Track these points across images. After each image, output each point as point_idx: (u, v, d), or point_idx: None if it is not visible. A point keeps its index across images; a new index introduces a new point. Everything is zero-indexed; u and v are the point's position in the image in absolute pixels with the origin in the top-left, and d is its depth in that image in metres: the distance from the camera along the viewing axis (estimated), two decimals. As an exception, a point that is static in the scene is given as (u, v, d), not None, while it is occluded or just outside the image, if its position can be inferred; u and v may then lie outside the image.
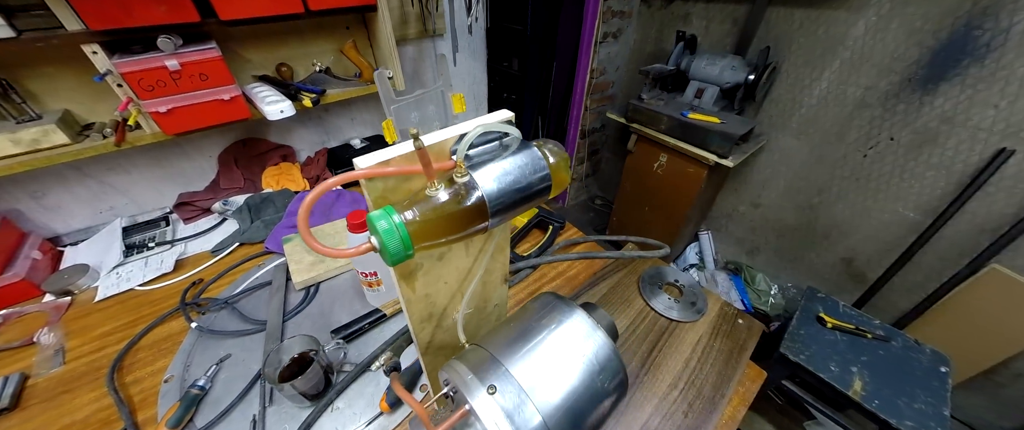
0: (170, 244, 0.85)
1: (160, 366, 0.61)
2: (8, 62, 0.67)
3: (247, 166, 1.01)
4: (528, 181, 0.30)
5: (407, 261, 0.33)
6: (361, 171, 0.24)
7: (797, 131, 1.45)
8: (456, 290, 0.40)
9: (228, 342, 0.65)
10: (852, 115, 1.30)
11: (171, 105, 0.72)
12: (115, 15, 0.62)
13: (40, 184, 0.81)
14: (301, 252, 0.79)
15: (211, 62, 0.73)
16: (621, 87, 2.04)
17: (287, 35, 0.93)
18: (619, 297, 0.75)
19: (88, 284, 0.76)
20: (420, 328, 0.40)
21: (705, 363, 0.63)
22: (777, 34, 1.38)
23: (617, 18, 1.72)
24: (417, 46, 1.15)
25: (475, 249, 0.39)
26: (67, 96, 0.75)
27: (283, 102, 0.82)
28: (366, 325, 0.66)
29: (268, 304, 0.71)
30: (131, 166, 0.89)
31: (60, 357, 0.63)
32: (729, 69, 1.39)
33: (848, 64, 1.26)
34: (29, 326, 0.68)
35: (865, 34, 1.19)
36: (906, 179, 1.25)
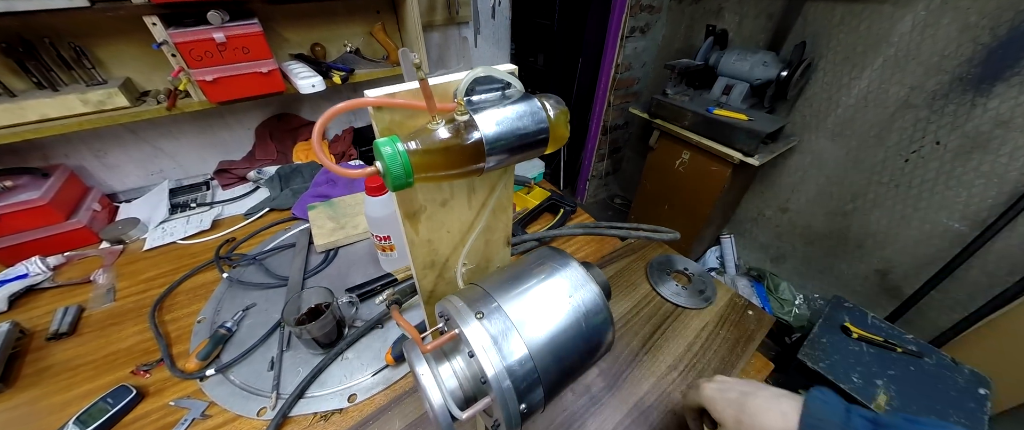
0: (209, 206, 0.92)
1: (194, 309, 0.68)
2: (81, 31, 0.76)
3: (280, 140, 1.08)
4: (525, 128, 0.31)
5: (412, 201, 0.35)
6: (370, 99, 0.27)
7: (832, 132, 1.38)
8: (458, 242, 0.43)
9: (254, 293, 0.71)
10: (894, 116, 1.22)
11: (216, 75, 0.79)
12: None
13: (103, 144, 0.91)
14: (323, 218, 0.84)
15: (253, 37, 0.79)
16: (647, 83, 2.01)
17: (322, 16, 0.99)
18: (626, 280, 0.75)
19: (138, 235, 0.84)
20: (423, 275, 0.42)
21: (708, 349, 0.63)
22: (815, 30, 1.32)
23: (646, 12, 1.70)
24: (443, 32, 1.19)
25: (478, 202, 0.41)
26: (129, 65, 0.83)
27: (315, 77, 0.88)
28: (378, 287, 0.70)
29: (291, 263, 0.77)
30: (179, 133, 0.98)
31: (111, 295, 0.70)
32: (760, 65, 1.34)
33: (892, 62, 1.18)
34: (88, 267, 0.76)
35: (912, 30, 1.12)
36: (952, 187, 1.16)
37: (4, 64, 0.73)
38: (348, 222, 0.83)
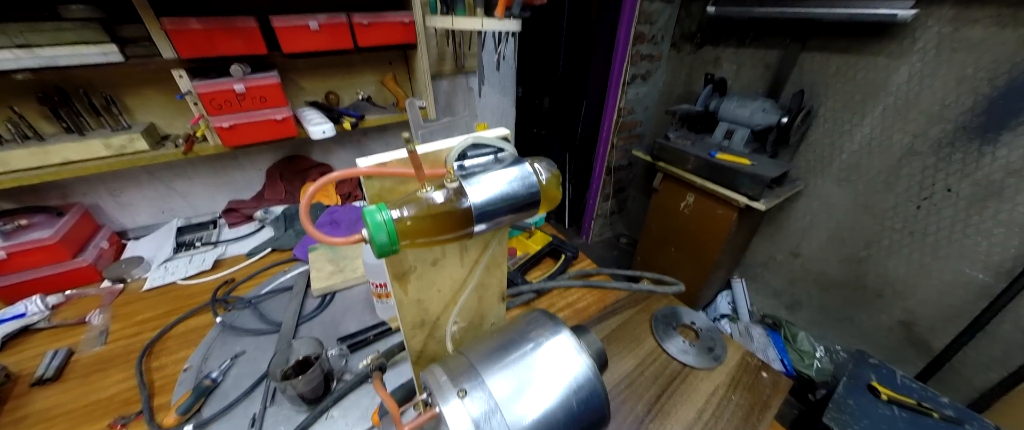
0: (214, 245, 0.93)
1: (183, 355, 0.66)
2: (113, 82, 0.82)
3: (290, 180, 1.11)
4: (516, 193, 0.31)
5: (401, 262, 0.35)
6: (360, 169, 0.27)
7: (838, 177, 1.37)
8: (449, 300, 0.41)
9: (245, 340, 0.69)
10: (900, 163, 1.21)
11: (233, 122, 0.83)
12: (202, 46, 0.75)
13: (120, 183, 0.94)
14: (323, 261, 0.84)
15: (271, 87, 0.84)
16: (649, 127, 2.06)
17: (338, 67, 1.05)
18: (629, 335, 0.72)
19: (140, 274, 0.84)
20: (411, 335, 0.40)
21: (720, 417, 0.58)
22: (812, 79, 1.35)
23: (646, 61, 1.78)
24: (451, 81, 1.25)
25: (470, 260, 0.40)
26: (153, 111, 0.89)
27: (326, 124, 0.91)
28: (371, 336, 0.67)
29: (286, 308, 0.75)
30: (193, 173, 1.01)
31: (103, 338, 0.69)
32: (760, 111, 1.37)
33: (892, 110, 1.20)
34: (86, 307, 0.76)
35: (909, 81, 1.15)
36: (970, 236, 1.12)
37: (38, 111, 0.78)
38: (347, 265, 0.83)
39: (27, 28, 0.63)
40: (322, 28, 0.84)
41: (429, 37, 1.03)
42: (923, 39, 1.09)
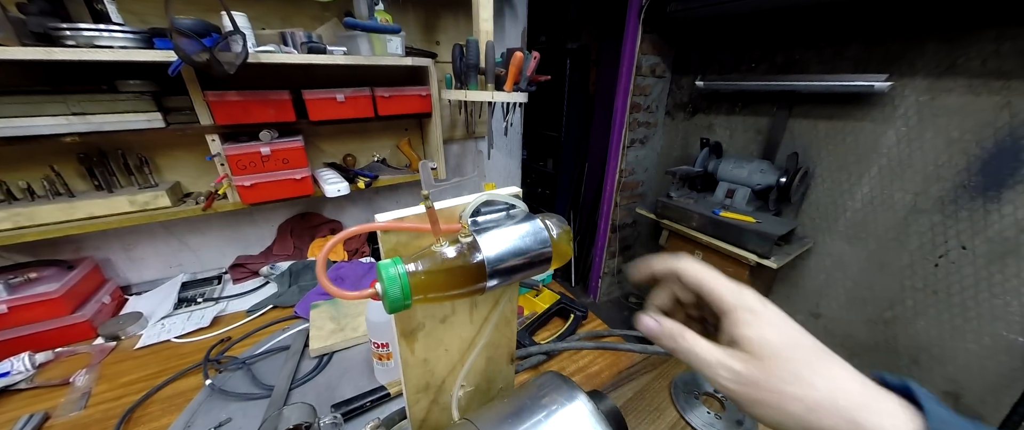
0: (215, 301, 0.92)
1: (165, 422, 0.61)
2: (149, 143, 0.89)
3: (300, 235, 1.13)
4: (528, 248, 0.31)
5: (409, 318, 0.34)
6: (378, 224, 0.28)
7: (847, 235, 1.36)
8: (457, 361, 0.39)
9: (232, 405, 0.64)
10: (907, 220, 1.21)
11: (255, 181, 0.87)
12: (238, 115, 0.83)
13: (134, 238, 0.96)
14: (325, 318, 0.81)
15: (294, 150, 0.90)
16: (651, 186, 2.12)
17: (356, 132, 1.14)
18: (648, 404, 0.66)
19: (136, 331, 0.82)
20: (415, 400, 0.38)
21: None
22: (804, 142, 1.42)
23: (643, 127, 1.90)
24: (461, 145, 1.33)
25: (480, 317, 0.39)
26: (180, 170, 0.94)
27: (341, 183, 0.96)
28: (367, 403, 0.62)
29: (281, 370, 0.71)
30: (207, 228, 1.04)
31: (84, 401, 0.65)
32: (758, 172, 1.41)
33: (887, 170, 1.23)
34: (74, 365, 0.72)
35: (898, 143, 1.20)
36: (998, 295, 1.07)
37: (76, 169, 0.83)
38: (348, 323, 0.80)
39: (86, 99, 0.71)
40: (347, 100, 0.93)
41: (443, 107, 1.12)
42: (903, 106, 1.17)
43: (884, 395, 0.20)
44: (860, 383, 0.20)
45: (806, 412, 0.19)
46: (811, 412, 0.19)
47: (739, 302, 0.23)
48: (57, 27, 0.61)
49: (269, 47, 0.78)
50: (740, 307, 0.23)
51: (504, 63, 0.88)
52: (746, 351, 0.21)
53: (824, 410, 0.19)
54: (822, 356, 0.21)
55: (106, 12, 0.66)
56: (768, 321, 0.22)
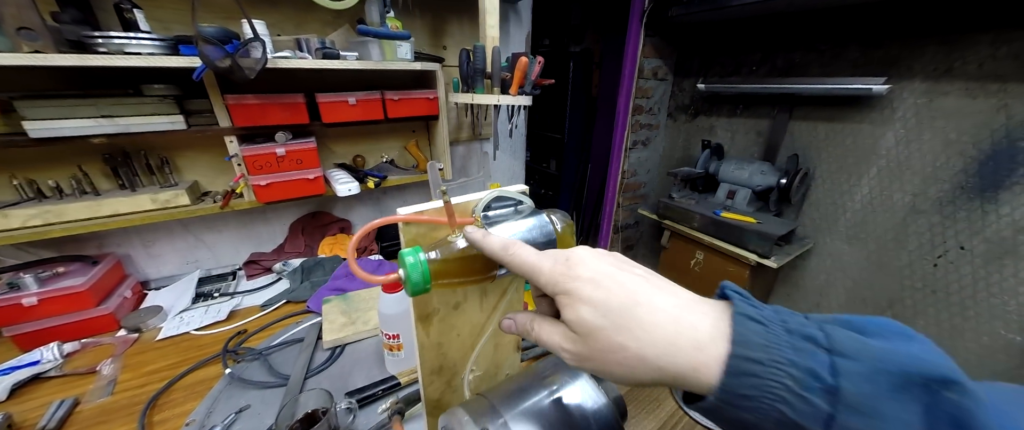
0: (230, 296, 0.95)
1: (188, 408, 0.64)
2: (171, 145, 0.93)
3: (310, 234, 1.16)
4: (535, 240, 0.34)
5: (426, 303, 0.37)
6: (401, 216, 0.31)
7: (847, 235, 1.38)
8: (468, 347, 0.42)
9: (251, 393, 0.67)
10: (906, 221, 1.23)
11: (270, 180, 0.91)
12: (254, 117, 0.86)
13: (154, 235, 1.00)
14: (336, 313, 0.85)
15: (308, 151, 0.94)
16: (653, 187, 2.14)
17: (367, 134, 1.17)
18: (647, 395, 0.68)
19: (156, 324, 0.86)
20: (429, 381, 0.41)
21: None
22: (804, 144, 1.44)
23: (645, 129, 1.92)
24: (466, 146, 1.37)
25: (489, 305, 0.42)
26: (198, 170, 0.98)
27: (352, 183, 0.99)
28: (379, 391, 0.65)
29: (295, 360, 0.74)
30: (223, 226, 1.07)
31: (110, 388, 0.68)
32: (758, 173, 1.44)
33: (886, 171, 1.25)
34: (99, 355, 0.76)
35: (896, 145, 1.22)
36: (996, 295, 1.09)
37: (101, 169, 0.87)
38: (359, 317, 0.83)
39: (115, 102, 0.75)
40: (359, 103, 0.96)
41: (450, 110, 1.16)
42: (901, 109, 1.19)
43: (698, 304, 0.22)
44: (676, 308, 0.22)
45: (629, 371, 0.22)
46: (632, 370, 0.22)
47: (555, 288, 0.25)
48: (90, 35, 0.65)
49: (285, 53, 0.82)
50: (558, 293, 0.24)
51: (509, 67, 0.92)
52: (577, 333, 0.23)
53: (641, 365, 0.21)
54: (636, 307, 0.22)
55: (135, 20, 0.70)
56: (581, 299, 0.23)
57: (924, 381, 0.17)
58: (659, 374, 0.21)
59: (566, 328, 0.24)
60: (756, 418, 0.18)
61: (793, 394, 0.18)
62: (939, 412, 0.16)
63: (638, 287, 0.23)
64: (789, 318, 0.20)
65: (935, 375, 0.17)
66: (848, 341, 0.19)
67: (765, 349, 0.19)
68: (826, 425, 0.17)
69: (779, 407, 0.18)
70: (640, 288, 0.23)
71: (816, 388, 0.18)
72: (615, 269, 0.24)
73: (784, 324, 0.20)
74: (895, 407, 0.17)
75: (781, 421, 0.18)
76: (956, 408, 0.16)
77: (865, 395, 0.17)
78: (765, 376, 0.18)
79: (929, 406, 0.16)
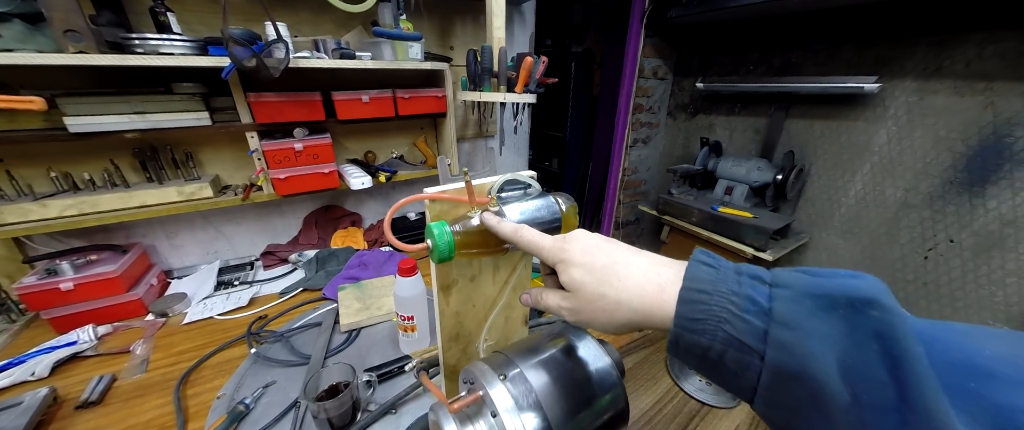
0: (250, 284, 1.00)
1: (217, 384, 0.69)
2: (195, 141, 0.98)
3: (323, 227, 1.21)
4: (542, 218, 0.39)
5: (447, 274, 0.41)
6: (428, 194, 0.36)
7: (841, 230, 1.42)
8: (482, 318, 0.47)
9: (275, 370, 0.72)
10: (898, 215, 1.27)
11: (289, 174, 0.96)
12: (274, 114, 0.91)
13: (177, 226, 1.05)
14: (351, 299, 0.89)
15: (323, 146, 0.99)
16: (653, 184, 2.19)
17: (377, 131, 1.22)
18: (645, 373, 0.73)
19: (181, 309, 0.91)
20: (447, 347, 0.45)
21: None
22: (800, 141, 1.48)
23: (646, 128, 1.97)
24: (472, 143, 1.41)
25: (500, 280, 0.46)
26: (220, 165, 1.03)
27: (365, 177, 1.04)
28: (395, 369, 0.70)
29: (316, 341, 0.79)
30: (242, 218, 1.12)
31: (144, 366, 0.73)
32: (755, 170, 1.48)
33: (879, 167, 1.29)
34: (130, 338, 0.81)
35: (889, 142, 1.26)
36: (984, 286, 1.13)
37: (130, 163, 0.92)
38: (373, 303, 0.88)
39: (147, 99, 0.80)
40: (372, 101, 1.01)
41: (457, 107, 1.20)
42: (893, 107, 1.23)
43: (666, 261, 0.28)
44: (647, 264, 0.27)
45: (610, 316, 0.27)
46: (612, 314, 0.27)
47: (553, 258, 0.30)
48: (128, 37, 0.70)
49: (304, 53, 0.87)
50: (556, 262, 0.30)
51: (515, 67, 0.96)
52: (570, 291, 0.29)
53: (619, 308, 0.27)
54: (615, 265, 0.28)
55: (168, 23, 0.75)
56: (573, 264, 0.29)
57: (848, 302, 0.20)
58: (633, 314, 0.26)
59: (563, 291, 0.30)
60: (707, 340, 0.22)
61: (734, 315, 0.22)
62: (863, 326, 0.19)
63: (618, 252, 0.29)
64: (746, 267, 0.24)
65: (859, 297, 0.19)
66: (787, 276, 0.22)
67: (712, 283, 0.23)
68: (763, 339, 0.21)
69: (724, 327, 0.22)
70: (620, 252, 0.29)
71: (753, 310, 0.21)
72: (602, 242, 0.30)
73: (736, 269, 0.24)
74: (818, 322, 0.20)
75: (726, 339, 0.22)
76: (879, 323, 0.19)
77: (792, 313, 0.20)
78: (711, 303, 0.22)
79: (853, 322, 0.19)
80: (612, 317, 0.27)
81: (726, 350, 0.22)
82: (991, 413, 0.17)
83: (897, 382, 0.18)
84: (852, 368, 0.19)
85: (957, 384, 0.17)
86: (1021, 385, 0.17)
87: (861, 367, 0.19)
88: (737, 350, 0.21)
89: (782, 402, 0.21)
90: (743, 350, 0.21)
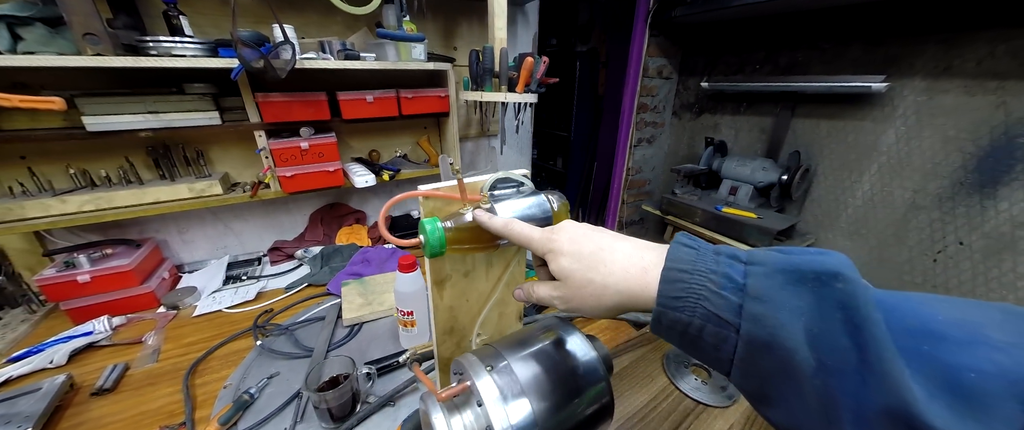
0: (257, 279, 1.03)
1: (224, 374, 0.72)
2: (205, 139, 1.01)
3: (328, 224, 1.24)
4: (534, 215, 0.40)
5: (440, 269, 0.43)
6: (422, 191, 0.37)
7: (848, 231, 1.40)
8: (476, 313, 0.48)
9: (280, 362, 0.74)
10: (906, 217, 1.25)
11: (295, 172, 0.98)
12: (281, 114, 0.94)
13: (188, 222, 1.08)
14: (354, 294, 0.91)
15: (328, 145, 1.01)
16: (658, 184, 2.18)
17: (381, 130, 1.24)
18: (641, 372, 0.74)
19: (191, 302, 0.94)
20: (442, 340, 0.47)
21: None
22: (806, 140, 1.46)
23: (650, 127, 1.96)
24: (475, 143, 1.43)
25: (494, 276, 0.47)
26: (229, 163, 1.06)
27: (369, 175, 1.06)
28: (395, 362, 0.72)
29: (319, 335, 0.82)
30: (250, 215, 1.16)
31: (155, 356, 0.76)
32: (760, 170, 1.47)
33: (887, 168, 1.27)
34: (143, 329, 0.84)
35: (897, 142, 1.24)
36: (995, 289, 1.10)
37: (144, 161, 0.96)
38: (375, 299, 0.90)
39: (160, 99, 0.83)
40: (376, 100, 1.03)
41: (459, 107, 1.22)
42: (901, 107, 1.21)
43: (650, 245, 0.29)
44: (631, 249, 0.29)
45: (597, 300, 0.28)
46: (599, 298, 0.28)
47: (543, 248, 0.32)
48: (143, 39, 0.73)
49: (310, 54, 0.89)
50: (545, 252, 0.32)
51: (516, 66, 0.97)
52: (559, 280, 0.30)
53: (606, 291, 0.28)
54: (601, 252, 0.29)
55: (180, 26, 0.78)
56: (561, 253, 0.30)
57: (815, 276, 0.21)
58: (619, 297, 0.27)
59: (553, 282, 0.31)
60: (687, 316, 0.24)
61: (712, 292, 0.23)
62: (828, 297, 0.20)
63: (603, 239, 0.30)
64: (724, 248, 0.26)
65: (824, 271, 0.21)
66: (762, 255, 0.24)
67: (692, 263, 0.25)
68: (737, 313, 0.22)
69: (702, 303, 0.23)
70: (605, 239, 0.30)
71: (729, 287, 0.23)
72: (589, 230, 0.32)
73: (715, 250, 0.26)
74: (788, 295, 0.21)
75: (705, 315, 0.23)
76: (842, 294, 0.20)
77: (765, 287, 0.22)
78: (690, 281, 0.24)
79: (819, 294, 0.21)
80: (599, 301, 0.28)
81: (705, 325, 0.23)
82: (941, 371, 0.18)
83: (857, 346, 0.19)
84: (818, 336, 0.20)
85: (912, 347, 0.19)
86: (967, 345, 0.18)
87: (826, 334, 0.20)
88: (715, 325, 0.23)
89: (755, 371, 0.22)
90: (720, 324, 0.23)
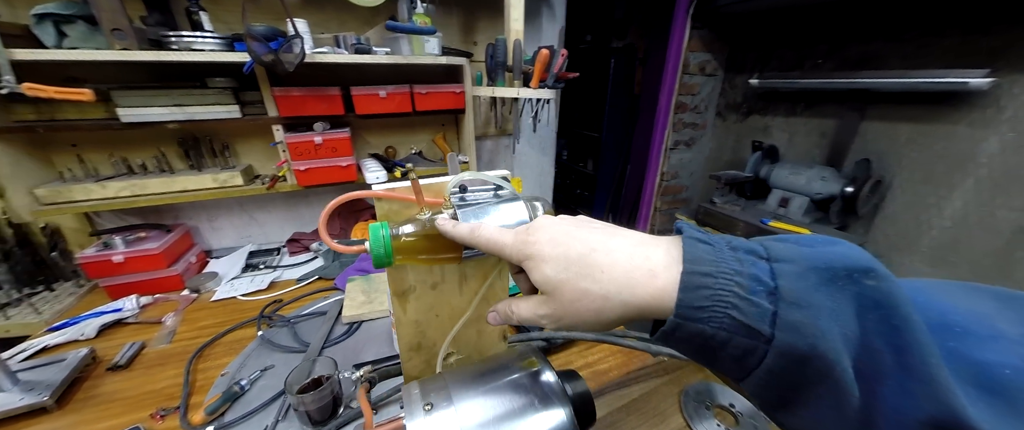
0: (273, 269, 1.06)
1: (225, 361, 0.73)
2: (228, 132, 1.05)
3: (345, 218, 1.25)
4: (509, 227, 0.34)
5: (402, 279, 0.38)
6: (371, 192, 0.33)
7: (931, 257, 1.18)
8: (448, 330, 0.43)
9: (276, 355, 0.74)
10: (1011, 244, 1.02)
11: (309, 166, 1.00)
12: (297, 108, 0.95)
13: (217, 210, 1.14)
14: (357, 291, 0.90)
15: (342, 140, 1.01)
16: (696, 192, 2.00)
17: (399, 127, 1.23)
18: (652, 407, 0.64)
19: (212, 287, 0.98)
20: (408, 357, 0.42)
21: (761, 525, 0.47)
22: (879, 148, 1.25)
23: (689, 129, 1.80)
24: (495, 141, 1.38)
25: (470, 291, 0.42)
26: (252, 155, 1.10)
27: (381, 172, 1.05)
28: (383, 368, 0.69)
29: (317, 330, 0.81)
30: (273, 206, 1.20)
31: (170, 337, 0.80)
32: (818, 179, 1.28)
33: (988, 183, 1.05)
34: (166, 309, 0.89)
35: (1003, 152, 1.01)
36: None
37: (176, 152, 1.02)
38: (377, 297, 0.88)
39: (184, 93, 0.87)
40: (389, 96, 1.02)
41: (477, 104, 1.18)
42: (1011, 107, 0.98)
43: (651, 240, 0.24)
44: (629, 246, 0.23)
45: (597, 314, 0.23)
46: (599, 311, 0.23)
47: (519, 254, 0.26)
48: (165, 34, 0.76)
49: (324, 49, 0.89)
50: (522, 259, 0.26)
51: (533, 61, 0.91)
52: (544, 293, 0.25)
53: (606, 304, 0.23)
54: (592, 254, 0.23)
55: (201, 21, 0.80)
56: (543, 259, 0.24)
57: (847, 272, 0.18)
58: (624, 308, 0.22)
59: (537, 296, 0.26)
60: (712, 328, 0.19)
61: (741, 298, 0.19)
62: (863, 298, 0.18)
63: (593, 237, 0.24)
64: (732, 239, 0.22)
65: (856, 267, 0.19)
66: (783, 248, 0.21)
67: (714, 264, 0.20)
68: (772, 322, 0.18)
69: (730, 313, 0.19)
70: (595, 237, 0.24)
71: (760, 291, 0.19)
72: (573, 227, 0.26)
73: (729, 243, 0.22)
74: (825, 297, 0.18)
75: (733, 326, 0.19)
76: (877, 292, 0.18)
77: (800, 290, 0.19)
78: (715, 287, 0.20)
79: (853, 294, 0.18)
80: (599, 316, 0.23)
81: (731, 337, 0.19)
82: (973, 370, 0.17)
83: (896, 349, 0.17)
84: (853, 340, 0.18)
85: (940, 345, 0.17)
86: (990, 339, 0.17)
87: (862, 339, 0.18)
88: (744, 336, 0.19)
89: (783, 382, 0.19)
90: (751, 335, 0.19)
